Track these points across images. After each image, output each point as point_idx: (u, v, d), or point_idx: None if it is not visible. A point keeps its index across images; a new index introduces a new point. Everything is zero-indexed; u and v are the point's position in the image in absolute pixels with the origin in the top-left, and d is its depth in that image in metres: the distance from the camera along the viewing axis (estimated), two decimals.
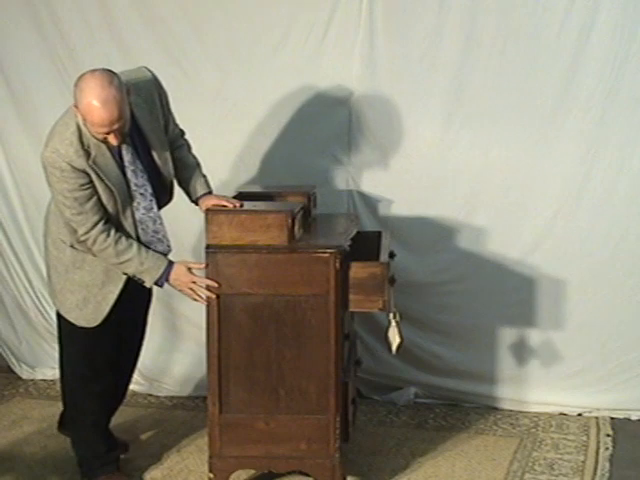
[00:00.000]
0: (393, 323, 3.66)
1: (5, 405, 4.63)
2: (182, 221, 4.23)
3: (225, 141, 4.52)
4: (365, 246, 3.76)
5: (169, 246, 3.63)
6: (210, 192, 3.72)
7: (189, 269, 3.53)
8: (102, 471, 3.75)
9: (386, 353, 3.80)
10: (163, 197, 3.65)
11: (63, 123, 3.43)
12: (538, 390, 4.47)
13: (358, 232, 3.87)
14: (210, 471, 3.60)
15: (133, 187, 3.49)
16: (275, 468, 3.63)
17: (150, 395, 4.71)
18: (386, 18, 4.33)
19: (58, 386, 4.13)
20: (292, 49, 4.44)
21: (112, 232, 3.46)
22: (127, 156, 3.46)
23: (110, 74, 3.30)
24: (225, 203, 3.61)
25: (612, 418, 4.36)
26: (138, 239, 3.53)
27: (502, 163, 4.34)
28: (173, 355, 4.75)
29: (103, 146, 3.40)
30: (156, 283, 3.54)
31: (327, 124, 4.47)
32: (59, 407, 4.03)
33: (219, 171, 4.29)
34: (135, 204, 3.51)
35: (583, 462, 3.96)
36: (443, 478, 3.85)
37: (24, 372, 4.98)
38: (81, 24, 4.59)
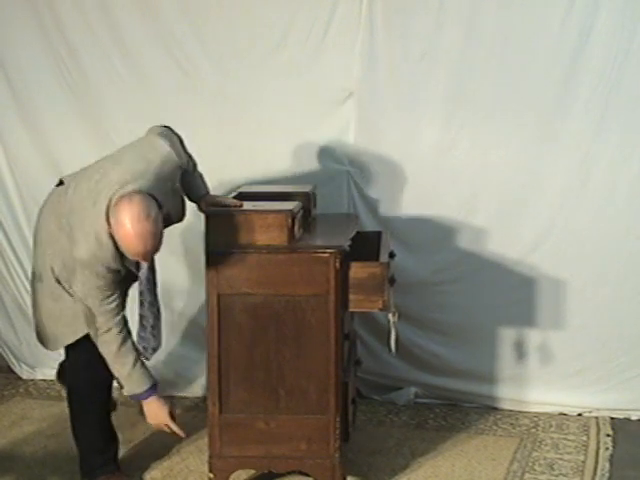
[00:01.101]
0: (392, 323, 3.66)
1: (5, 405, 4.62)
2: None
3: (225, 141, 4.52)
4: (365, 246, 3.76)
5: (160, 342, 3.69)
6: (208, 192, 3.72)
7: (171, 413, 3.54)
8: (102, 471, 3.74)
9: (386, 353, 3.80)
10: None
11: (99, 225, 3.32)
12: (538, 390, 4.47)
13: (358, 232, 3.87)
14: (210, 471, 3.60)
15: (144, 282, 3.52)
16: (275, 468, 3.63)
17: None
18: (386, 18, 4.33)
19: (58, 385, 4.13)
20: (292, 49, 4.44)
21: (124, 331, 3.47)
22: None
23: (147, 204, 3.24)
24: (225, 203, 3.61)
25: (612, 418, 4.36)
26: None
27: (502, 163, 4.34)
28: (173, 355, 4.75)
29: None
30: (132, 397, 3.55)
31: (327, 124, 4.47)
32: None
33: (219, 171, 4.29)
34: (141, 298, 3.56)
35: (583, 462, 3.96)
36: (443, 478, 3.85)
37: (24, 372, 4.98)
38: (82, 24, 4.59)
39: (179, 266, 4.62)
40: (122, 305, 3.48)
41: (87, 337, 3.55)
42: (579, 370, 4.43)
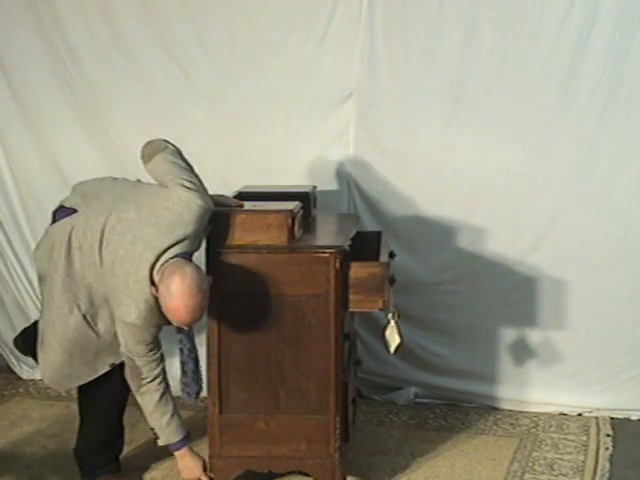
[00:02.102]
0: (392, 323, 3.66)
1: (5, 405, 4.62)
2: None
3: (225, 141, 4.52)
4: (365, 246, 3.76)
5: (202, 387, 3.65)
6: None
7: (205, 468, 3.59)
8: (102, 471, 3.74)
9: (386, 353, 3.80)
10: None
11: (143, 290, 3.32)
12: (538, 390, 4.47)
13: (358, 232, 3.87)
14: (210, 471, 3.60)
15: (184, 329, 3.48)
16: (275, 468, 3.63)
17: None
18: (386, 18, 4.33)
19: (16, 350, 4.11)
20: (292, 49, 4.44)
21: (165, 381, 3.51)
22: None
23: (199, 278, 3.25)
24: (225, 202, 3.61)
25: (612, 418, 4.36)
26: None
27: (502, 163, 4.34)
28: (173, 355, 4.74)
29: None
30: (167, 446, 3.59)
31: (327, 124, 4.47)
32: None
33: (219, 171, 4.29)
34: (181, 346, 3.56)
35: (583, 462, 3.96)
36: (443, 478, 3.85)
37: (24, 372, 4.98)
38: (82, 24, 4.59)
39: None
40: (163, 356, 3.51)
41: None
42: (579, 370, 4.43)
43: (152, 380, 3.48)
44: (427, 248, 4.49)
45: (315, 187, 4.08)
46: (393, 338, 3.67)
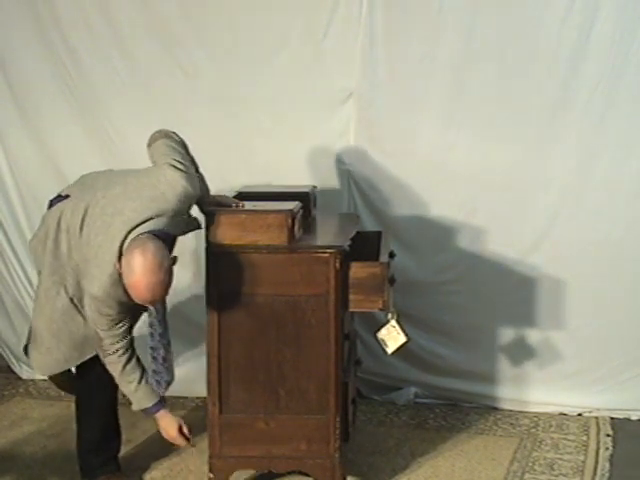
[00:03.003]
0: (393, 322, 3.66)
1: (5, 405, 4.63)
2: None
3: (225, 141, 4.52)
4: (365, 246, 3.76)
5: (173, 375, 3.65)
6: (208, 192, 3.71)
7: (180, 428, 3.58)
8: (102, 471, 3.75)
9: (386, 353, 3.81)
10: None
11: (111, 263, 3.31)
12: (538, 390, 4.47)
13: (358, 232, 3.87)
14: (210, 471, 3.60)
15: (154, 313, 3.50)
16: (275, 468, 3.63)
17: None
18: (386, 18, 4.33)
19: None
20: (292, 49, 4.44)
21: (129, 352, 3.48)
22: None
23: (161, 255, 3.22)
24: (225, 202, 3.61)
25: (612, 418, 4.37)
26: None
27: (502, 163, 4.34)
28: (173, 355, 4.74)
29: None
30: (142, 412, 3.58)
31: (327, 124, 4.47)
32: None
33: (219, 171, 4.28)
34: (151, 330, 3.54)
35: (583, 462, 3.96)
36: (443, 478, 3.85)
37: (24, 372, 4.98)
38: (82, 24, 4.59)
39: (179, 266, 4.61)
40: (129, 330, 3.50)
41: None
42: (579, 370, 4.43)
43: (113, 353, 3.46)
44: (427, 248, 4.49)
45: (315, 187, 4.08)
46: (394, 338, 3.67)
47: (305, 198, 3.84)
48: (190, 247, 4.53)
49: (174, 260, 3.33)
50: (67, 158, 4.66)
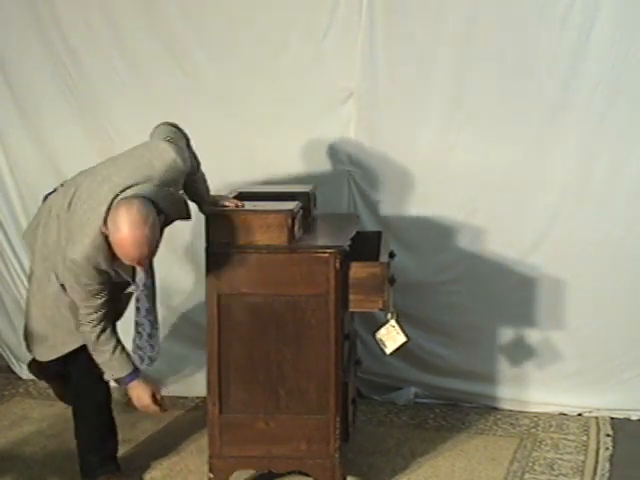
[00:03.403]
0: (393, 322, 3.66)
1: (5, 405, 4.63)
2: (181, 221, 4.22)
3: (225, 141, 4.52)
4: (365, 246, 3.76)
5: (158, 352, 3.68)
6: (209, 192, 3.72)
7: (154, 395, 3.57)
8: (102, 471, 3.75)
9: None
10: None
11: (95, 228, 3.32)
12: (538, 390, 4.47)
13: (358, 232, 3.87)
14: (210, 471, 3.60)
15: (141, 287, 3.50)
16: (275, 468, 3.63)
17: None
18: (386, 18, 4.33)
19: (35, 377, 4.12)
20: (293, 49, 4.44)
21: (102, 323, 3.47)
22: None
23: (146, 210, 3.23)
24: (225, 203, 3.61)
25: (612, 418, 4.36)
26: (134, 340, 3.63)
27: (502, 163, 4.34)
28: (173, 355, 4.75)
29: None
30: (116, 382, 3.57)
31: (327, 124, 4.47)
32: (59, 407, 4.03)
33: (219, 171, 4.27)
34: (138, 304, 3.54)
35: (583, 462, 3.96)
36: (443, 478, 3.85)
37: (24, 372, 4.97)
38: (82, 24, 4.59)
39: (179, 266, 4.63)
40: (107, 303, 3.46)
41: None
42: (579, 370, 4.43)
43: (87, 324, 3.45)
44: (427, 248, 4.49)
45: (315, 187, 4.08)
46: (393, 338, 3.67)
47: (305, 198, 3.84)
48: (190, 247, 4.53)
49: (161, 219, 3.29)
50: (67, 158, 4.66)
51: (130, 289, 3.55)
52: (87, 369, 3.63)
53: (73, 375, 3.72)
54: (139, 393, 3.57)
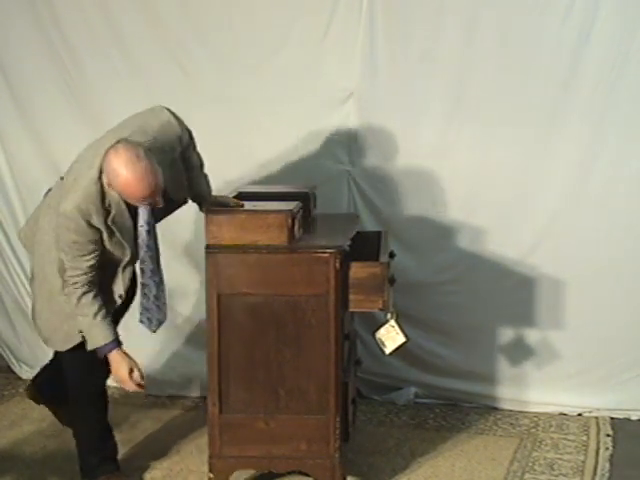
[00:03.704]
0: (392, 322, 3.66)
1: (5, 405, 4.63)
2: (181, 221, 4.22)
3: (225, 141, 4.51)
4: (365, 246, 3.76)
5: (165, 314, 3.65)
6: (210, 192, 3.72)
7: (131, 370, 3.51)
8: (102, 471, 3.75)
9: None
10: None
11: (88, 177, 3.34)
12: (538, 390, 4.47)
13: (358, 232, 3.87)
14: (210, 471, 3.60)
15: (145, 248, 3.49)
16: (275, 468, 3.63)
17: (150, 395, 4.70)
18: (386, 18, 4.33)
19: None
20: (293, 49, 4.44)
21: (86, 287, 3.43)
22: (144, 215, 3.45)
23: (133, 147, 3.26)
24: (226, 203, 3.61)
25: (612, 418, 4.36)
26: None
27: (502, 163, 4.34)
28: (173, 355, 4.75)
29: (122, 205, 3.39)
30: (97, 351, 3.52)
31: (327, 124, 4.47)
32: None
33: (219, 171, 4.27)
34: (142, 266, 3.52)
35: (583, 462, 3.96)
36: (443, 478, 3.85)
37: (24, 372, 4.98)
38: (82, 24, 4.59)
39: (179, 266, 4.62)
40: (94, 268, 3.42)
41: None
42: (579, 370, 4.43)
43: (71, 285, 3.42)
44: (427, 248, 4.49)
45: (315, 187, 4.08)
46: (392, 338, 3.67)
47: (305, 198, 3.84)
48: (190, 247, 4.53)
49: (149, 155, 3.28)
50: (67, 158, 4.63)
51: (139, 252, 3.49)
52: (83, 369, 3.63)
53: (70, 375, 3.72)
54: (117, 365, 3.51)
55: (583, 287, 4.36)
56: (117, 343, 3.52)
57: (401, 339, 3.69)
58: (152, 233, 3.52)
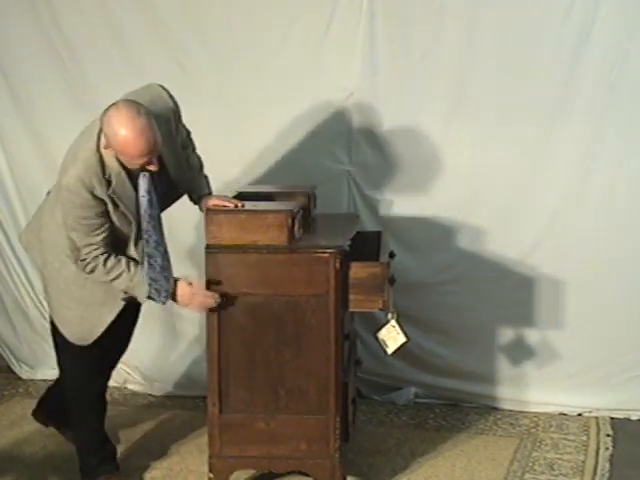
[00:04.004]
0: (393, 322, 3.66)
1: (5, 405, 4.62)
2: (181, 220, 4.22)
3: (225, 141, 4.51)
4: (365, 246, 3.76)
5: (172, 286, 3.58)
6: (210, 193, 3.72)
7: (189, 284, 3.50)
8: (102, 471, 3.75)
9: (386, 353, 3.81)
10: (175, 200, 3.69)
11: (87, 149, 3.36)
12: (538, 390, 4.47)
13: (358, 232, 3.87)
14: (210, 471, 3.60)
15: (147, 219, 3.45)
16: (275, 468, 3.63)
17: (150, 395, 4.71)
18: (386, 18, 4.33)
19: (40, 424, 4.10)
20: (292, 49, 4.44)
21: (106, 254, 3.42)
22: (144, 185, 3.42)
23: (134, 104, 3.28)
24: (225, 203, 3.61)
25: (612, 418, 4.36)
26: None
27: (502, 163, 4.34)
28: (173, 355, 4.75)
29: (123, 174, 3.38)
30: (159, 299, 3.49)
31: (327, 124, 4.47)
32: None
33: (219, 171, 4.27)
34: (146, 237, 3.48)
35: (583, 462, 3.96)
36: (443, 478, 3.85)
37: (24, 372, 4.98)
38: (81, 23, 4.59)
39: (179, 265, 4.61)
40: (107, 238, 3.41)
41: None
42: (579, 370, 4.43)
43: (92, 259, 3.40)
44: (427, 248, 4.49)
45: (315, 187, 4.08)
46: (393, 338, 3.67)
47: (305, 198, 3.84)
48: (190, 247, 4.53)
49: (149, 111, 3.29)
50: None
51: (142, 223, 3.46)
52: (85, 377, 3.65)
53: (70, 383, 3.72)
54: (182, 292, 3.47)
55: (583, 287, 4.36)
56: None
57: (402, 339, 3.69)
58: (154, 203, 3.47)
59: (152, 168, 3.34)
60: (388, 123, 4.42)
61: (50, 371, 4.82)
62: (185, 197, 3.75)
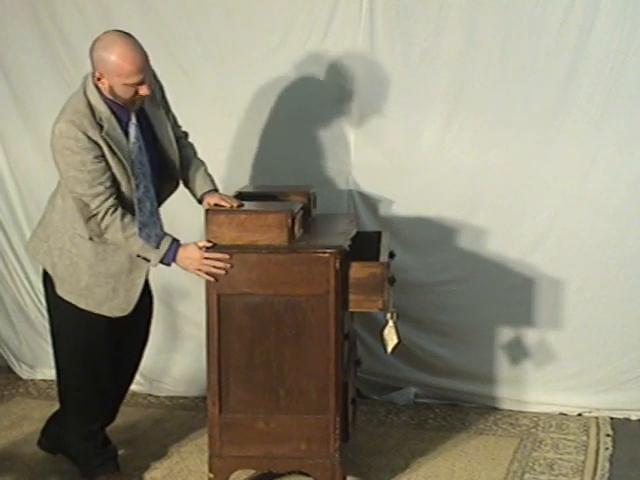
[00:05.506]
0: (390, 323, 3.66)
1: (5, 405, 4.63)
2: (181, 220, 4.22)
3: (225, 141, 4.52)
4: (365, 246, 3.76)
5: (162, 228, 3.57)
6: (216, 190, 3.71)
7: (199, 248, 3.48)
8: (102, 471, 3.75)
9: (386, 353, 3.81)
10: (169, 184, 3.67)
11: (76, 99, 3.44)
12: (538, 390, 4.47)
13: (358, 232, 3.87)
14: (210, 471, 3.60)
15: (138, 165, 3.46)
16: (275, 468, 3.63)
17: (150, 395, 4.71)
18: (386, 18, 4.33)
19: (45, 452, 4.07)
20: (292, 49, 4.44)
21: (119, 209, 3.44)
22: (133, 132, 3.45)
23: (122, 32, 3.40)
24: (225, 203, 3.61)
25: (612, 418, 4.36)
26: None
27: (502, 163, 4.34)
28: (173, 355, 4.75)
29: (114, 120, 3.41)
30: (162, 261, 3.50)
31: (327, 124, 4.47)
32: (58, 407, 4.01)
33: (219, 171, 4.29)
34: (136, 182, 3.47)
35: (583, 462, 3.96)
36: (443, 478, 3.85)
37: (24, 372, 4.98)
38: (81, 24, 4.58)
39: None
40: (114, 188, 3.43)
41: (81, 323, 3.60)
42: (579, 370, 4.43)
43: (105, 213, 3.41)
44: (427, 248, 4.49)
45: (315, 187, 4.08)
46: (391, 338, 3.67)
47: (305, 198, 3.84)
48: None
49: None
50: None
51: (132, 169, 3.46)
52: (79, 368, 3.65)
53: (67, 374, 3.72)
54: (188, 253, 3.46)
55: (583, 287, 4.36)
56: (175, 241, 3.50)
57: (395, 340, 3.69)
58: (143, 150, 3.48)
59: (144, 91, 3.39)
60: (388, 123, 4.42)
61: (50, 371, 4.81)
62: (186, 198, 3.75)
